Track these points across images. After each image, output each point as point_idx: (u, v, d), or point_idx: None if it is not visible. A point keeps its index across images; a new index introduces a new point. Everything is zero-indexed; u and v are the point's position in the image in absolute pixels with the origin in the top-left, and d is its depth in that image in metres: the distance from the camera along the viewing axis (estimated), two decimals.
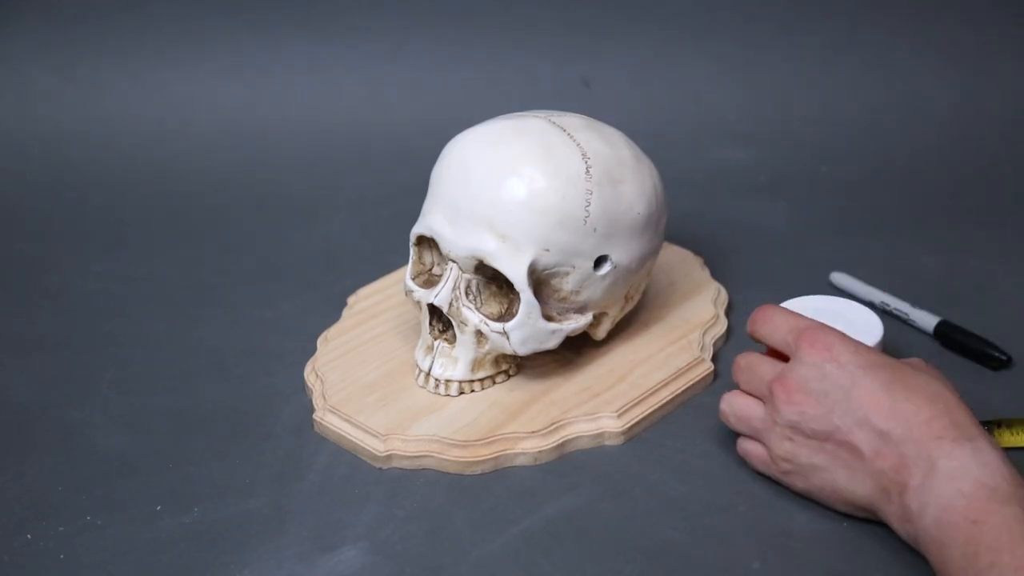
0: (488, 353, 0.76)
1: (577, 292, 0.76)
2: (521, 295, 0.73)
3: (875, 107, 1.17)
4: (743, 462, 0.73)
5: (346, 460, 0.75)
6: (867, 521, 0.68)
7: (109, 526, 0.70)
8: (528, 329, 0.75)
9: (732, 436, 0.76)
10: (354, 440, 0.75)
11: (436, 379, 0.77)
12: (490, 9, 1.21)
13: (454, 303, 0.75)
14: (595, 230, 0.74)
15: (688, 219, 0.99)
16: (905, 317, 0.86)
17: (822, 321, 0.72)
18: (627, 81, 1.21)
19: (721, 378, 0.82)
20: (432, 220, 0.76)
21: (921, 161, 1.12)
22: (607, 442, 0.76)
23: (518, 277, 0.73)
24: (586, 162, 0.74)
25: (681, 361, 0.81)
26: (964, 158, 1.12)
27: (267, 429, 0.77)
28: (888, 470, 0.63)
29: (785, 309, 0.71)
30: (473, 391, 0.77)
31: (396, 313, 0.86)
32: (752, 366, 0.71)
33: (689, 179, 1.07)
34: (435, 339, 0.78)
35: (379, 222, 1.03)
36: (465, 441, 0.74)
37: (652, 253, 0.80)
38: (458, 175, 0.74)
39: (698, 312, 0.86)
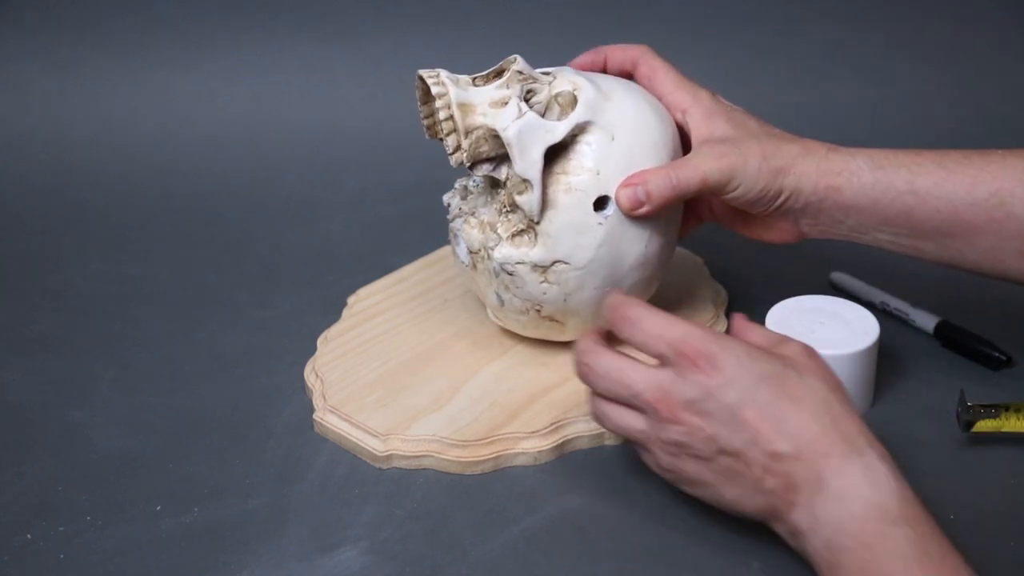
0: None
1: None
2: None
3: (875, 107, 1.17)
4: None
5: (346, 460, 0.75)
6: None
7: (109, 526, 0.70)
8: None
9: None
10: (354, 440, 0.75)
11: None
12: (490, 9, 1.21)
13: None
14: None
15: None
16: (905, 317, 0.86)
17: (813, 321, 0.72)
18: None
19: None
20: None
21: None
22: (607, 442, 0.76)
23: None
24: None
25: None
26: None
27: (267, 429, 0.77)
28: (776, 489, 0.61)
29: (656, 312, 0.66)
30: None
31: (396, 313, 0.86)
32: (613, 375, 0.65)
33: None
34: None
35: (379, 222, 1.03)
36: (465, 441, 0.74)
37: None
38: None
39: (698, 312, 0.86)
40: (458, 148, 0.73)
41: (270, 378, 0.82)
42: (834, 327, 0.77)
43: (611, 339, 0.68)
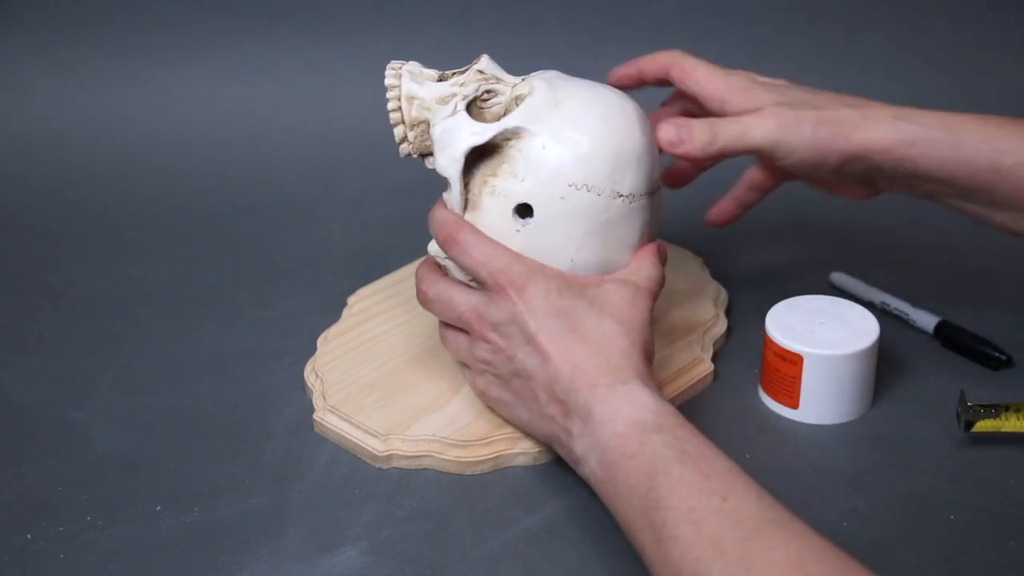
0: None
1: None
2: None
3: None
4: (743, 462, 0.73)
5: (346, 460, 0.75)
6: (868, 521, 0.68)
7: (109, 526, 0.70)
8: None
9: (732, 437, 0.76)
10: (354, 440, 0.75)
11: None
12: (490, 9, 1.21)
13: None
14: None
15: (688, 219, 0.99)
16: (905, 317, 0.86)
17: (814, 322, 0.72)
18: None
19: (721, 378, 0.82)
20: None
21: None
22: None
23: None
24: None
25: (681, 361, 0.81)
26: None
27: (267, 429, 0.77)
28: (556, 415, 0.67)
29: (485, 238, 0.71)
30: None
31: (396, 313, 0.86)
32: (442, 297, 0.72)
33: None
34: None
35: (379, 222, 1.03)
36: (465, 441, 0.74)
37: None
38: None
39: (698, 312, 0.86)
40: (404, 140, 0.74)
41: (270, 378, 0.82)
42: (834, 327, 0.77)
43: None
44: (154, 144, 1.14)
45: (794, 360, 0.76)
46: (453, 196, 0.72)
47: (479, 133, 0.71)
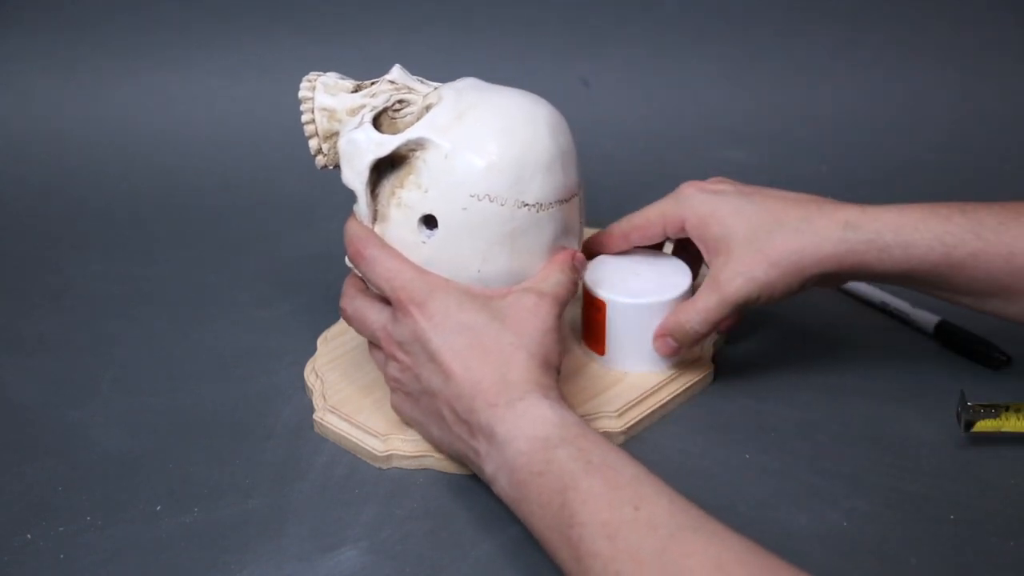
0: None
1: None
2: None
3: (875, 107, 1.17)
4: (743, 462, 0.73)
5: (346, 460, 0.75)
6: (868, 521, 0.68)
7: (109, 526, 0.70)
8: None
9: (733, 436, 0.76)
10: (354, 440, 0.75)
11: None
12: (490, 9, 1.21)
13: None
14: None
15: None
16: (905, 317, 0.86)
17: (628, 271, 0.76)
18: (627, 81, 1.21)
19: (721, 378, 0.82)
20: None
21: (921, 161, 1.12)
22: None
23: None
24: None
25: (681, 361, 0.81)
26: (964, 158, 1.12)
27: (267, 429, 0.77)
28: (463, 435, 0.67)
29: (391, 252, 0.71)
30: None
31: None
32: (358, 315, 0.72)
33: (689, 179, 1.07)
34: None
35: None
36: None
37: None
38: None
39: None
40: (319, 152, 0.74)
41: (270, 378, 0.82)
42: (647, 278, 0.79)
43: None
44: (154, 144, 1.14)
45: (599, 307, 0.78)
46: (360, 208, 0.72)
47: (382, 144, 0.71)
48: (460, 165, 0.69)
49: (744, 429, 0.77)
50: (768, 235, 0.74)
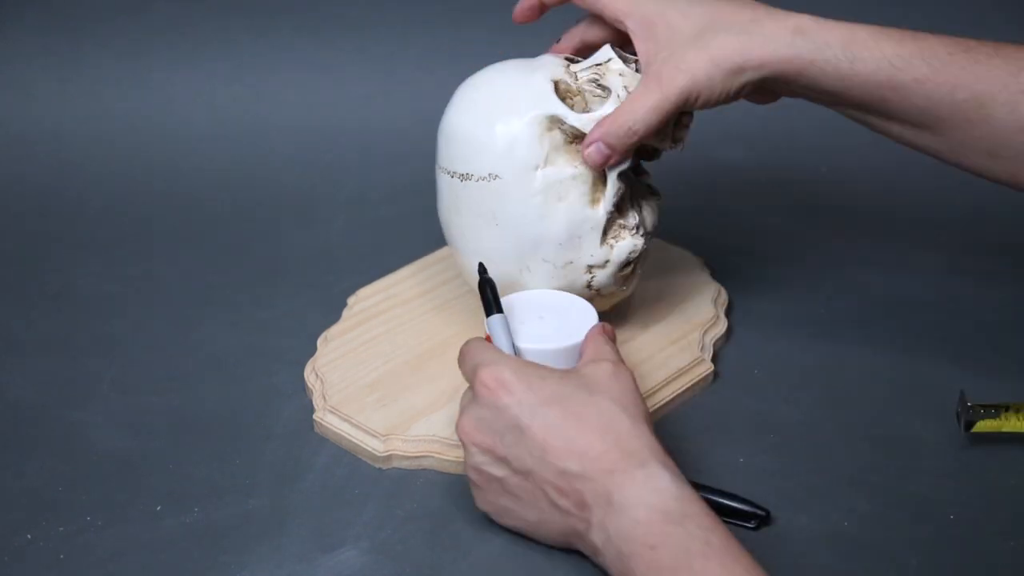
0: None
1: None
2: None
3: None
4: (743, 462, 0.73)
5: (346, 460, 0.75)
6: (868, 522, 0.68)
7: (109, 526, 0.70)
8: None
9: (733, 436, 0.76)
10: (354, 440, 0.75)
11: None
12: (490, 9, 1.21)
13: None
14: None
15: (688, 219, 0.99)
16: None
17: (534, 315, 0.73)
18: None
19: (721, 378, 0.82)
20: None
21: (921, 160, 1.12)
22: None
23: None
24: None
25: (681, 361, 0.81)
26: None
27: (267, 429, 0.77)
28: (570, 508, 0.63)
29: (479, 341, 0.69)
30: None
31: (396, 313, 0.86)
32: (456, 420, 0.68)
33: (689, 179, 1.07)
34: None
35: (379, 222, 1.03)
36: None
37: None
38: None
39: (698, 312, 0.86)
40: None
41: (270, 378, 0.82)
42: (549, 322, 0.74)
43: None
44: (154, 144, 1.14)
45: None
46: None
47: None
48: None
49: (744, 429, 0.77)
50: (714, 35, 0.72)
